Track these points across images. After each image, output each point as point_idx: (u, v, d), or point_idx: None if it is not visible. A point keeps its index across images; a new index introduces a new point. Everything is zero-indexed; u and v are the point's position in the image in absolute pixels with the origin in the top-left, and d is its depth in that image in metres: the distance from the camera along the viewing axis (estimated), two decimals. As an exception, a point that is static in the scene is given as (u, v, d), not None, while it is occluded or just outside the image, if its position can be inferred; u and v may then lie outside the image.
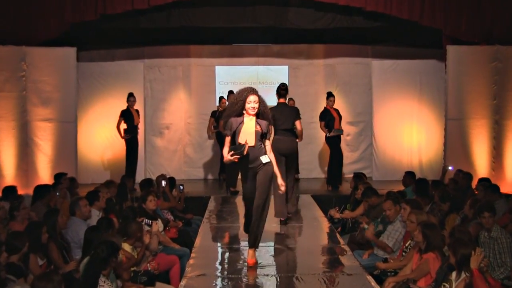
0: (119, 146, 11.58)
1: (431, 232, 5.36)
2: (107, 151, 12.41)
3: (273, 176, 5.65)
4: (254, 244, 5.70)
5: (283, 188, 5.78)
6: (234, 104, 5.65)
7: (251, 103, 5.57)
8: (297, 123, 7.78)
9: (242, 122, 5.62)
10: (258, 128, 5.60)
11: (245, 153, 5.42)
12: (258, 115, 5.67)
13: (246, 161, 5.53)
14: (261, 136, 5.62)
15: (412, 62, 12.55)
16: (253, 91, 5.63)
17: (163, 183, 8.77)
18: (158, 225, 6.79)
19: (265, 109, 5.68)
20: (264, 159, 5.58)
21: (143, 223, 6.57)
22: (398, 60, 12.63)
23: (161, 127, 13.14)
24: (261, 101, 5.63)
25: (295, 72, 13.25)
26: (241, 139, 5.54)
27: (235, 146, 5.49)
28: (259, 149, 5.59)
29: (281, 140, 7.52)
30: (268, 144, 5.70)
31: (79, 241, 6.09)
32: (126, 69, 12.54)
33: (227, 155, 5.50)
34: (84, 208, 6.65)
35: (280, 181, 5.71)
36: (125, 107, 11.07)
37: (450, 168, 10.44)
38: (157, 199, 7.55)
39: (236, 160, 5.44)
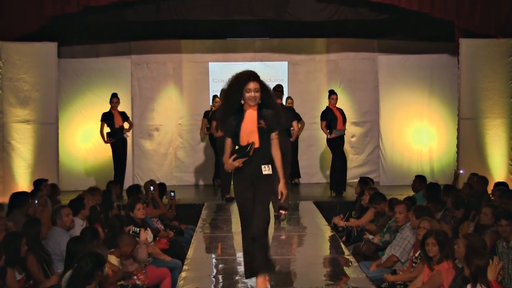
0: (105, 150, 11.55)
1: (444, 241, 5.36)
2: (92, 156, 12.38)
3: (274, 191, 5.01)
4: (264, 268, 4.91)
5: (282, 200, 5.21)
6: (229, 96, 4.96)
7: (251, 91, 4.89)
8: (294, 123, 8.52)
9: (242, 118, 4.95)
10: (262, 124, 4.93)
11: (251, 153, 4.84)
12: (261, 106, 4.99)
13: (244, 163, 4.90)
14: (267, 132, 4.96)
15: (422, 57, 12.57)
16: (252, 76, 4.92)
17: (153, 189, 8.77)
18: (147, 234, 6.78)
19: (269, 97, 5.00)
20: (266, 169, 4.93)
21: (130, 231, 6.56)
22: (407, 55, 12.66)
23: (150, 129, 13.14)
24: (263, 88, 4.95)
25: (295, 68, 13.26)
26: (242, 140, 4.92)
27: (238, 149, 4.92)
28: (264, 152, 4.94)
29: None
30: (275, 138, 5.03)
31: (61, 253, 6.07)
32: (111, 66, 12.53)
33: (229, 161, 4.90)
34: (67, 218, 6.62)
35: (281, 188, 4.99)
36: (108, 109, 11.07)
37: (461, 171, 10.44)
38: (146, 207, 7.54)
39: (241, 165, 4.88)
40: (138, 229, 6.67)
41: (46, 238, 6.33)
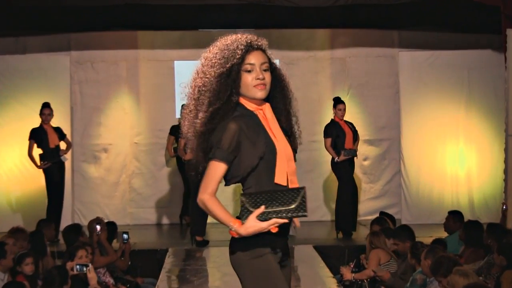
0: (35, 178, 11.48)
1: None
2: (17, 186, 12.30)
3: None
4: None
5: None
6: (213, 86, 3.85)
7: (256, 69, 3.88)
8: None
9: (263, 127, 3.88)
10: (288, 138, 4.02)
11: (307, 211, 3.64)
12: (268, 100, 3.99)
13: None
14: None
15: (456, 53, 12.66)
16: (254, 42, 3.95)
17: (99, 230, 8.74)
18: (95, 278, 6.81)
19: (281, 84, 4.10)
20: (293, 228, 4.16)
21: (73, 269, 6.56)
22: (436, 50, 12.74)
23: (96, 150, 13.11)
24: (272, 66, 4.03)
25: (289, 68, 13.29)
26: (280, 176, 3.82)
27: (276, 196, 3.66)
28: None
29: None
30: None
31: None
32: (44, 66, 12.49)
33: (252, 222, 3.66)
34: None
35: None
36: (38, 123, 11.04)
37: (504, 207, 10.50)
38: (90, 254, 7.51)
39: (275, 231, 3.73)
40: (85, 267, 6.69)
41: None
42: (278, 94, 4.04)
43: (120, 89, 13.22)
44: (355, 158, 11.04)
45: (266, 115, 3.90)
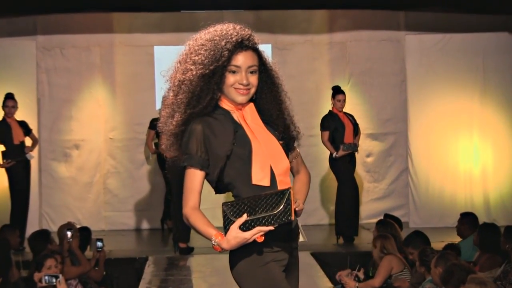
0: (-3, 178, 11.52)
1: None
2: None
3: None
4: None
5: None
6: (192, 86, 3.87)
7: (242, 73, 3.90)
8: None
9: (241, 129, 3.92)
10: (277, 135, 4.04)
11: (293, 216, 3.62)
12: (254, 101, 4.04)
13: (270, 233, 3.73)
14: (287, 154, 4.07)
15: (470, 36, 12.70)
16: (245, 41, 3.97)
17: (70, 236, 8.72)
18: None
19: (272, 86, 4.09)
20: (301, 235, 4.16)
21: (42, 281, 6.54)
22: (447, 33, 12.77)
23: (67, 146, 13.07)
24: (264, 66, 4.06)
25: (282, 54, 13.29)
26: (258, 177, 3.86)
27: (257, 202, 3.65)
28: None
29: None
30: (297, 161, 4.26)
31: None
32: (6, 52, 12.50)
33: (234, 232, 3.64)
34: None
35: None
36: (1, 117, 11.05)
37: None
38: (60, 264, 7.48)
39: (261, 240, 3.68)
40: (54, 279, 6.67)
41: None
42: (268, 95, 4.05)
43: (93, 78, 13.18)
44: (356, 154, 11.03)
45: (245, 114, 3.94)
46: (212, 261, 9.45)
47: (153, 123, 11.80)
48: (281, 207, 3.58)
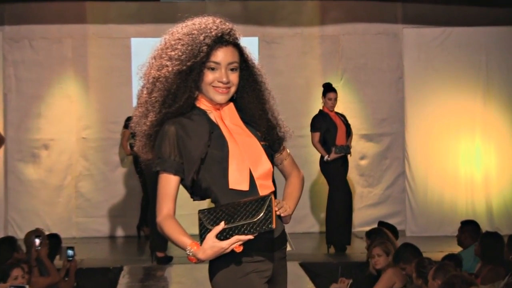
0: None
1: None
2: None
3: None
4: None
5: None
6: (168, 84, 3.86)
7: (222, 70, 3.88)
8: None
9: (217, 130, 3.92)
10: (259, 136, 4.02)
11: (273, 224, 3.61)
12: (234, 100, 4.05)
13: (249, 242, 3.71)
14: (271, 156, 4.06)
15: (472, 30, 12.73)
16: (225, 36, 3.89)
17: (39, 244, 8.69)
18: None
19: (254, 84, 4.07)
20: (288, 245, 4.18)
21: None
22: (448, 27, 12.80)
23: (35, 146, 13.05)
24: (245, 62, 4.03)
25: (270, 48, 13.31)
26: (235, 181, 3.84)
27: (235, 208, 3.64)
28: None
29: None
30: (285, 160, 4.20)
31: None
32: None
33: (210, 241, 3.62)
34: None
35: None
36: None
37: None
38: (27, 274, 7.46)
39: (240, 250, 3.67)
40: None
41: None
42: (250, 94, 4.04)
43: (64, 72, 13.16)
44: (349, 156, 11.05)
45: (223, 113, 3.93)
46: (192, 271, 9.44)
47: (129, 122, 11.78)
48: (262, 214, 3.57)
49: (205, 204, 4.36)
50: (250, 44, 13.25)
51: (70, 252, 9.15)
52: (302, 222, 13.00)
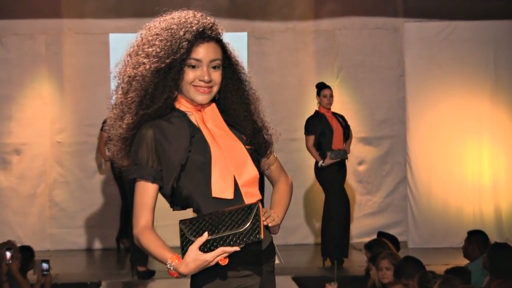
0: None
1: None
2: None
3: None
4: None
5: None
6: (145, 84, 3.87)
7: (203, 68, 3.87)
8: None
9: (198, 133, 3.90)
10: (244, 140, 4.03)
11: (262, 235, 3.59)
12: (216, 101, 4.04)
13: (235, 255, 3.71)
14: (257, 161, 4.10)
15: (478, 24, 12.76)
16: (207, 31, 3.88)
17: (10, 257, 8.67)
18: None
19: (238, 83, 4.09)
20: (276, 256, 4.17)
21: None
22: (452, 21, 12.83)
23: (5, 151, 13.05)
24: (228, 60, 4.03)
25: (260, 44, 13.32)
26: (218, 188, 3.82)
27: (215, 215, 3.63)
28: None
29: None
30: (275, 169, 4.31)
31: None
32: None
33: (193, 254, 3.59)
34: None
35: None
36: None
37: None
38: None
39: (225, 263, 3.65)
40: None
41: None
42: (234, 94, 4.04)
43: (37, 71, 13.16)
44: (346, 161, 11.04)
45: (204, 115, 3.92)
46: (176, 286, 9.42)
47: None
48: (248, 224, 3.55)
49: (187, 214, 4.34)
50: (239, 39, 13.27)
51: (45, 265, 9.12)
52: (295, 233, 13.04)
